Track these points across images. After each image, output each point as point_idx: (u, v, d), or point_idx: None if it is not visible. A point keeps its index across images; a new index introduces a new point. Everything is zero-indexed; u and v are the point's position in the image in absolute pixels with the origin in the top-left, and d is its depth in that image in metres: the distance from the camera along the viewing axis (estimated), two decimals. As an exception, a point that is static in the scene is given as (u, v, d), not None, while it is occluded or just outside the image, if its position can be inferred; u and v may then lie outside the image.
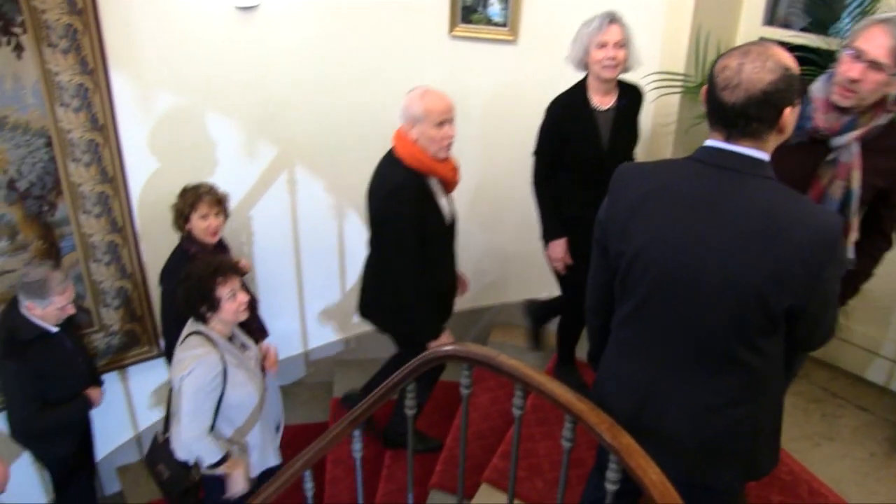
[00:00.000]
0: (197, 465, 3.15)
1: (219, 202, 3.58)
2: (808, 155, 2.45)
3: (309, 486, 2.79)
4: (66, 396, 3.47)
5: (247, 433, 3.18)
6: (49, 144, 3.51)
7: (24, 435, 3.48)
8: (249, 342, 3.28)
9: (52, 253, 3.69)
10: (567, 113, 3.30)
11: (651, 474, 1.85)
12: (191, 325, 3.05)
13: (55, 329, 3.39)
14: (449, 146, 3.12)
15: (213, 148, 3.92)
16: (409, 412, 2.66)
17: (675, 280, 1.94)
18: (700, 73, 3.65)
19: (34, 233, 3.61)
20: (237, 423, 3.14)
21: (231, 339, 3.14)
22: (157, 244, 3.93)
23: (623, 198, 2.05)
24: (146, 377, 4.37)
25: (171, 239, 3.74)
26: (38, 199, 3.57)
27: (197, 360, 2.95)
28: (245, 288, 3.16)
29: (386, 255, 3.28)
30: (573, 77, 3.32)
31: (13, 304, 3.35)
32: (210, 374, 2.95)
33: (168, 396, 3.34)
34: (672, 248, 1.92)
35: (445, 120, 3.06)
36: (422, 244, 3.15)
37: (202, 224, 3.52)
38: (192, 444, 3.04)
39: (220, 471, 3.09)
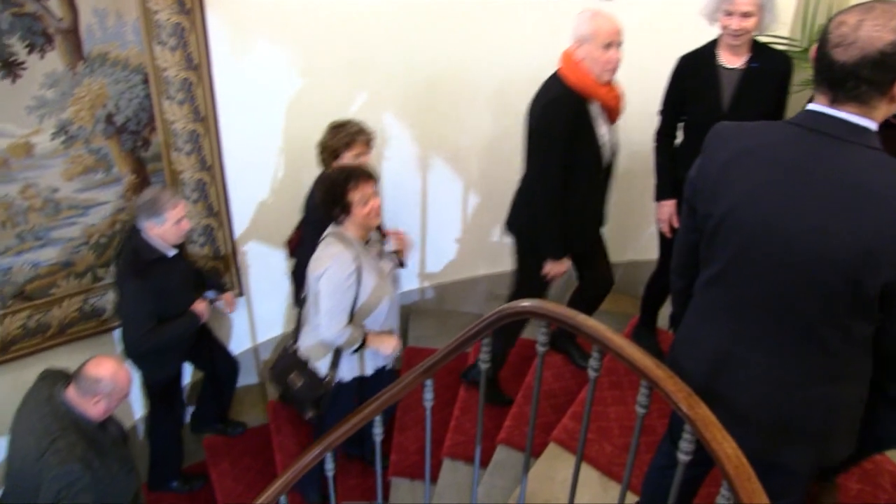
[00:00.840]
0: (330, 374, 3.32)
1: (368, 143, 3.58)
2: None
3: (378, 430, 2.83)
4: (178, 316, 3.70)
5: (379, 325, 3.33)
6: (146, 81, 3.58)
7: (137, 352, 3.69)
8: (386, 254, 3.41)
9: (143, 187, 3.79)
10: (690, 68, 3.24)
11: (726, 447, 1.80)
12: (330, 228, 3.20)
13: (172, 252, 3.59)
14: (613, 70, 3.09)
15: (304, 93, 3.94)
16: (484, 366, 2.66)
17: (760, 247, 1.85)
18: (807, 36, 3.47)
19: (128, 167, 3.71)
20: (366, 326, 3.26)
21: (367, 243, 3.26)
22: (244, 184, 4.00)
23: (715, 157, 1.97)
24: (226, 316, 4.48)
25: (258, 179, 3.82)
26: (132, 135, 3.67)
27: (332, 259, 3.10)
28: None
29: (531, 167, 3.30)
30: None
31: (134, 229, 3.54)
32: (345, 272, 3.09)
33: (300, 306, 3.47)
34: (759, 214, 1.84)
35: (613, 42, 3.02)
36: (570, 164, 3.17)
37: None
38: (335, 340, 3.20)
39: (369, 348, 3.29)
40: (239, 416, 4.60)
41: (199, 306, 3.78)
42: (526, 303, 2.48)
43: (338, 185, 3.10)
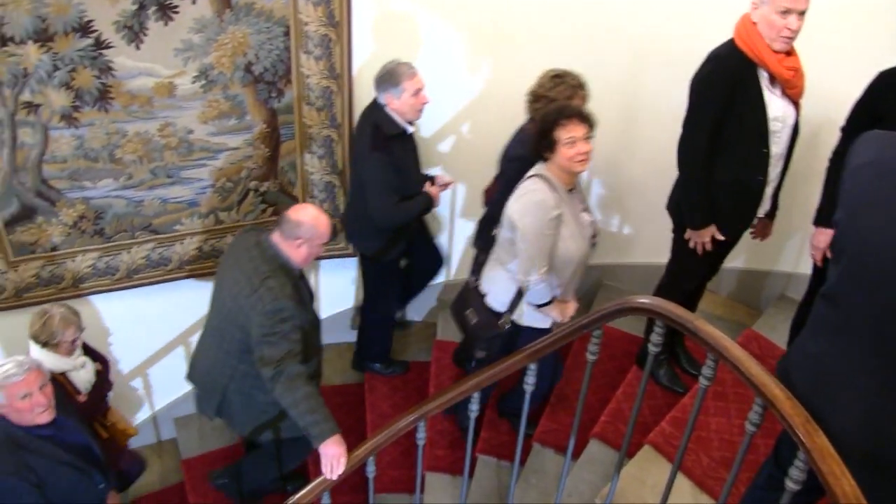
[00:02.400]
0: (506, 316, 3.28)
1: (585, 99, 3.39)
2: None
3: (474, 407, 2.82)
4: (413, 194, 3.75)
5: (561, 288, 3.25)
6: (286, 34, 3.63)
7: (380, 225, 3.76)
8: (588, 211, 3.28)
9: (272, 138, 3.87)
10: (893, 86, 2.85)
11: (845, 485, 1.69)
12: (535, 168, 3.10)
13: (411, 129, 3.63)
14: (788, 39, 2.85)
15: (439, 61, 3.91)
16: (654, 349, 2.52)
17: (869, 263, 1.75)
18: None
19: (260, 116, 3.80)
20: (554, 274, 3.17)
21: (571, 191, 3.15)
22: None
23: (848, 164, 1.88)
24: (335, 273, 4.54)
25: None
26: (268, 85, 3.74)
27: (535, 203, 3.02)
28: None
29: (683, 128, 3.12)
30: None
31: (376, 105, 3.59)
32: (547, 216, 3.00)
33: (488, 241, 3.44)
34: (869, 229, 1.73)
35: (791, 10, 2.78)
36: (724, 130, 3.00)
37: None
38: (528, 286, 3.12)
39: (547, 312, 3.22)
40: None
41: (433, 190, 3.81)
42: (645, 299, 2.41)
43: (548, 120, 2.99)
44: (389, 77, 3.47)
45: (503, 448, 3.68)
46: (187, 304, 4.17)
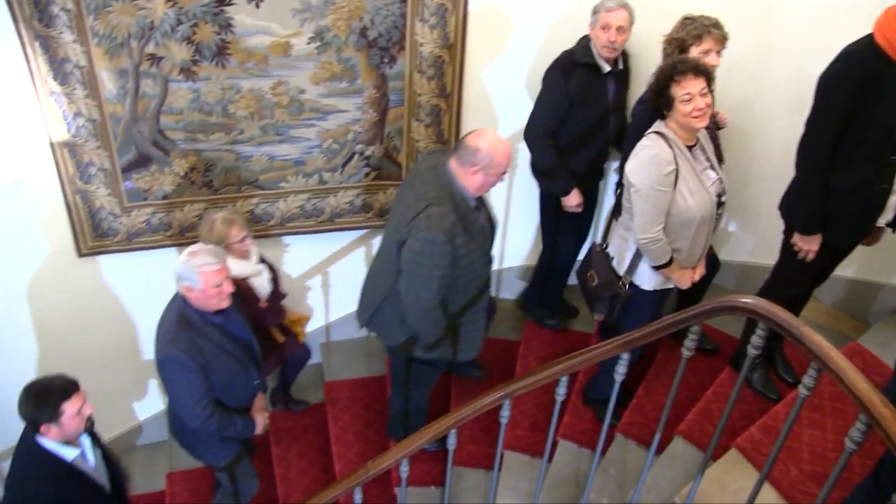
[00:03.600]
0: (625, 277, 3.28)
1: (721, 41, 3.26)
2: None
3: (561, 391, 2.79)
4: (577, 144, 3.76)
5: (681, 247, 3.16)
6: (403, 1, 3.63)
7: (531, 152, 3.81)
8: (714, 168, 3.14)
9: (381, 103, 3.89)
10: None
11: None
12: (654, 125, 3.05)
13: (607, 68, 3.57)
14: None
15: (551, 36, 3.84)
16: (753, 351, 2.43)
17: None
18: None
19: (371, 81, 3.81)
20: (675, 233, 3.10)
21: (692, 148, 3.04)
22: (476, 117, 3.99)
23: None
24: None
25: (492, 114, 3.79)
26: (381, 51, 3.74)
27: (648, 157, 2.98)
28: None
29: (805, 126, 2.98)
30: None
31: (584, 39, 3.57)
32: (660, 173, 2.94)
33: (612, 208, 3.47)
34: None
35: None
36: (851, 131, 2.86)
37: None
38: (643, 245, 3.10)
39: (667, 276, 3.19)
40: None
41: None
42: (750, 300, 2.31)
43: (662, 77, 2.91)
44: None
45: (585, 435, 3.65)
46: (285, 258, 4.31)
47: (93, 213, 3.82)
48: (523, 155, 4.00)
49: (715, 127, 3.38)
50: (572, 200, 3.84)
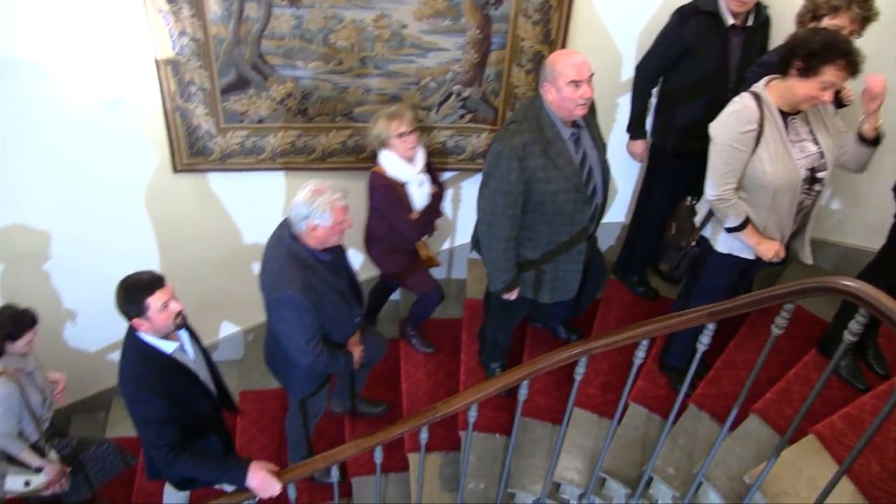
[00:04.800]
0: (694, 234, 3.23)
1: (861, 20, 3.03)
2: None
3: (640, 353, 2.73)
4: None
5: (758, 214, 3.02)
6: (515, -61, 3.52)
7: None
8: (817, 142, 2.92)
9: (483, 45, 3.80)
10: None
11: None
12: (754, 85, 2.93)
13: (731, 21, 3.44)
14: None
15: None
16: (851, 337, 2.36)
17: None
18: None
19: (475, 21, 3.72)
20: (750, 199, 2.99)
21: (791, 116, 2.88)
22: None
23: None
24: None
25: (595, 68, 3.68)
26: (488, -9, 3.66)
27: (730, 112, 2.89)
28: None
29: None
30: None
31: None
32: (740, 128, 2.84)
33: None
34: None
35: None
36: None
37: None
38: (712, 202, 3.02)
39: (742, 240, 3.07)
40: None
41: None
42: (852, 283, 2.19)
43: (811, 48, 2.65)
44: None
45: (657, 401, 3.59)
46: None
47: (190, 130, 3.88)
48: (623, 110, 3.88)
49: (837, 105, 3.16)
50: (637, 148, 3.82)
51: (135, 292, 2.77)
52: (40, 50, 3.44)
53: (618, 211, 4.51)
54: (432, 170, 3.86)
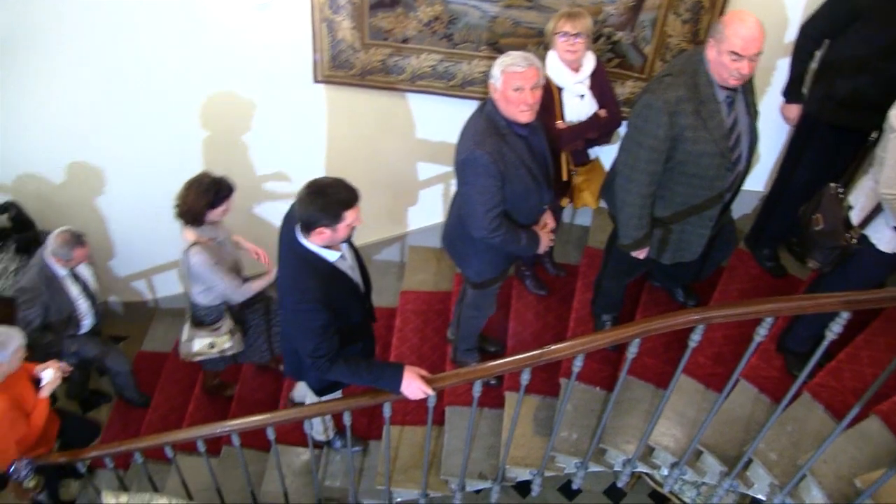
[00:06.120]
0: (855, 230, 3.02)
1: None
2: None
3: (763, 332, 2.61)
4: None
5: None
6: None
7: None
8: None
9: (638, 10, 3.64)
10: None
11: None
12: None
13: None
14: None
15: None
16: None
17: None
18: None
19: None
20: None
21: None
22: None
23: None
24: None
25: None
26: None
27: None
28: None
29: None
30: None
31: None
32: None
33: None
34: None
35: None
36: None
37: None
38: (886, 198, 2.83)
39: None
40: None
41: None
42: None
43: None
44: None
45: (769, 382, 3.44)
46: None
47: (334, 43, 3.90)
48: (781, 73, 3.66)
49: None
50: (792, 112, 3.59)
51: (336, 205, 2.75)
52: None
53: (757, 179, 4.26)
54: (608, 93, 3.64)
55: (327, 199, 2.74)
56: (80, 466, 4.01)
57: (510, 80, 2.88)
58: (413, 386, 2.85)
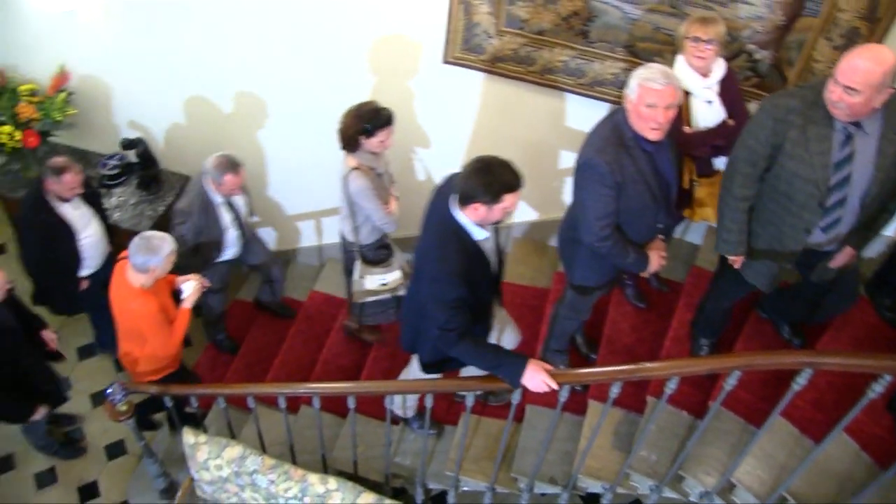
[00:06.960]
0: None
1: None
2: None
3: (801, 382, 2.46)
4: None
5: None
6: None
7: None
8: None
9: (794, 8, 3.44)
10: None
11: None
12: None
13: None
14: None
15: None
16: None
17: None
18: None
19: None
20: None
21: None
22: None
23: None
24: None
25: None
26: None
27: None
28: None
29: None
30: None
31: None
32: None
33: None
34: None
35: None
36: None
37: None
38: None
39: None
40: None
41: None
42: None
43: None
44: None
45: (873, 441, 3.23)
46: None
47: (469, 26, 3.89)
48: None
49: None
50: None
51: (499, 185, 2.73)
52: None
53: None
54: (739, 103, 3.54)
55: (492, 177, 2.72)
56: (193, 401, 4.10)
57: (645, 95, 2.80)
58: (537, 378, 2.80)
